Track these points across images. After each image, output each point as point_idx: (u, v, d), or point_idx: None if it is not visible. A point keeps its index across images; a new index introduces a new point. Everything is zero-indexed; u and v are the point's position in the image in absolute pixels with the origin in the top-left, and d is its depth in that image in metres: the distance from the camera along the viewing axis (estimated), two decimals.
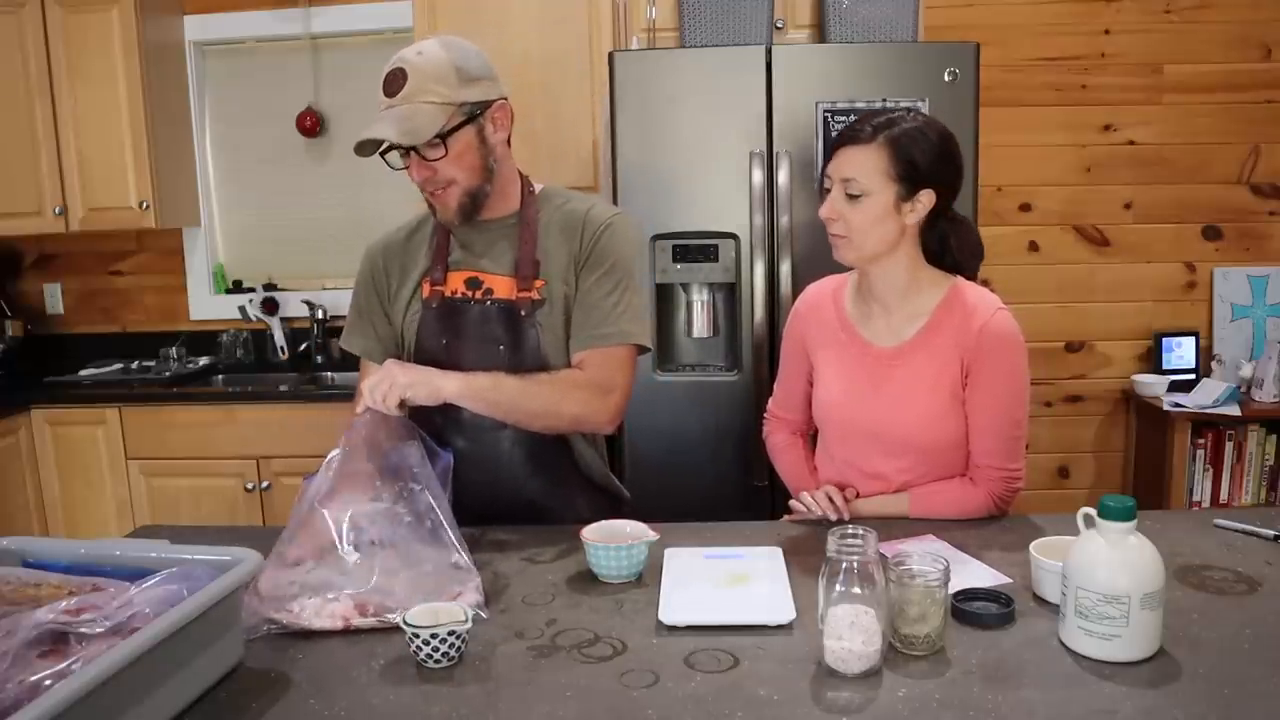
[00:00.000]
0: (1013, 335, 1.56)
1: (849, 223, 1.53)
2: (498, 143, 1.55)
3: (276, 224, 3.70)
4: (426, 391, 1.43)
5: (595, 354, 1.56)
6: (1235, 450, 3.26)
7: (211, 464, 3.10)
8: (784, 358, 1.80)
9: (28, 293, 3.77)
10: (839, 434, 1.68)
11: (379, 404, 1.41)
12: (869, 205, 1.52)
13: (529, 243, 1.59)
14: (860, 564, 1.08)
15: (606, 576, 1.36)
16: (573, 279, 1.58)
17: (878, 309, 1.64)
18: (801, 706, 1.02)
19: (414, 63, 1.46)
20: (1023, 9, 3.34)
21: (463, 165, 1.51)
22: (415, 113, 1.45)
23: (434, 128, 1.45)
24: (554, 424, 1.56)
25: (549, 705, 1.03)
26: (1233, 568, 1.35)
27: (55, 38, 3.21)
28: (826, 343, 1.69)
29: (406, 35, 3.07)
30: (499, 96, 1.54)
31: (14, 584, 1.11)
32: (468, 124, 1.49)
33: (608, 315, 1.57)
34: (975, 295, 1.59)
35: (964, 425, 1.59)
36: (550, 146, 2.93)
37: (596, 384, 1.55)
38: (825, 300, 1.72)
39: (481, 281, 1.59)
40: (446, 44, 1.50)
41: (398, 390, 1.41)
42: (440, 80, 1.46)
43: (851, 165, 1.51)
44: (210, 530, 1.83)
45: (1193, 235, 3.42)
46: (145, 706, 0.96)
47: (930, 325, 1.58)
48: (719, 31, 2.83)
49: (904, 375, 1.59)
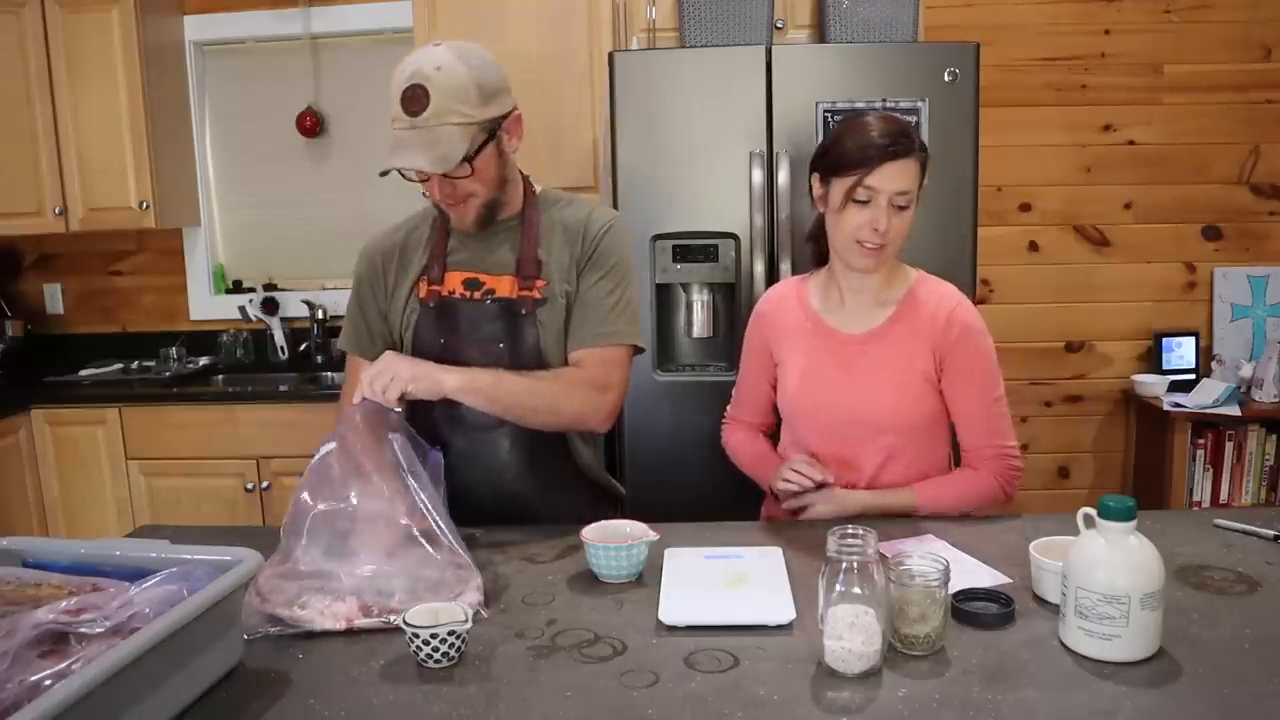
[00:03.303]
0: (978, 322, 1.64)
1: (892, 234, 1.55)
2: (512, 152, 1.56)
3: (276, 224, 3.70)
4: (429, 385, 1.43)
5: (594, 353, 1.57)
6: (1235, 450, 3.26)
7: (211, 464, 3.10)
8: (744, 360, 1.81)
9: (28, 293, 3.77)
10: (809, 424, 1.68)
11: (379, 396, 1.39)
12: (910, 214, 1.57)
13: (531, 243, 1.59)
14: (860, 564, 1.09)
15: (606, 576, 1.36)
16: (574, 279, 1.59)
17: (849, 299, 1.66)
18: (801, 706, 1.02)
19: (435, 80, 1.41)
20: (1023, 9, 3.34)
21: (483, 180, 1.51)
22: (441, 138, 1.42)
23: (462, 151, 1.44)
24: (554, 421, 1.56)
25: (549, 705, 1.03)
26: (1233, 568, 1.35)
27: (55, 38, 3.21)
28: (792, 335, 1.70)
29: (407, 35, 3.07)
30: (513, 107, 1.54)
31: (14, 584, 1.11)
32: (489, 141, 1.49)
33: (607, 315, 1.57)
34: (939, 286, 1.66)
35: (936, 407, 1.63)
36: (550, 146, 2.93)
37: (595, 382, 1.55)
38: (788, 297, 1.74)
39: (482, 282, 1.59)
40: (463, 56, 1.45)
41: (400, 383, 1.39)
42: (463, 100, 1.43)
43: (904, 178, 1.53)
44: (210, 530, 1.83)
45: (1193, 235, 3.42)
46: (145, 706, 0.96)
47: (897, 314, 1.63)
48: (719, 31, 2.83)
49: (873, 358, 1.62)
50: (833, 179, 1.57)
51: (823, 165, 1.60)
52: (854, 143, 1.54)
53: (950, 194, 2.54)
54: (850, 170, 1.53)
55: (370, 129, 3.47)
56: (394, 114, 1.45)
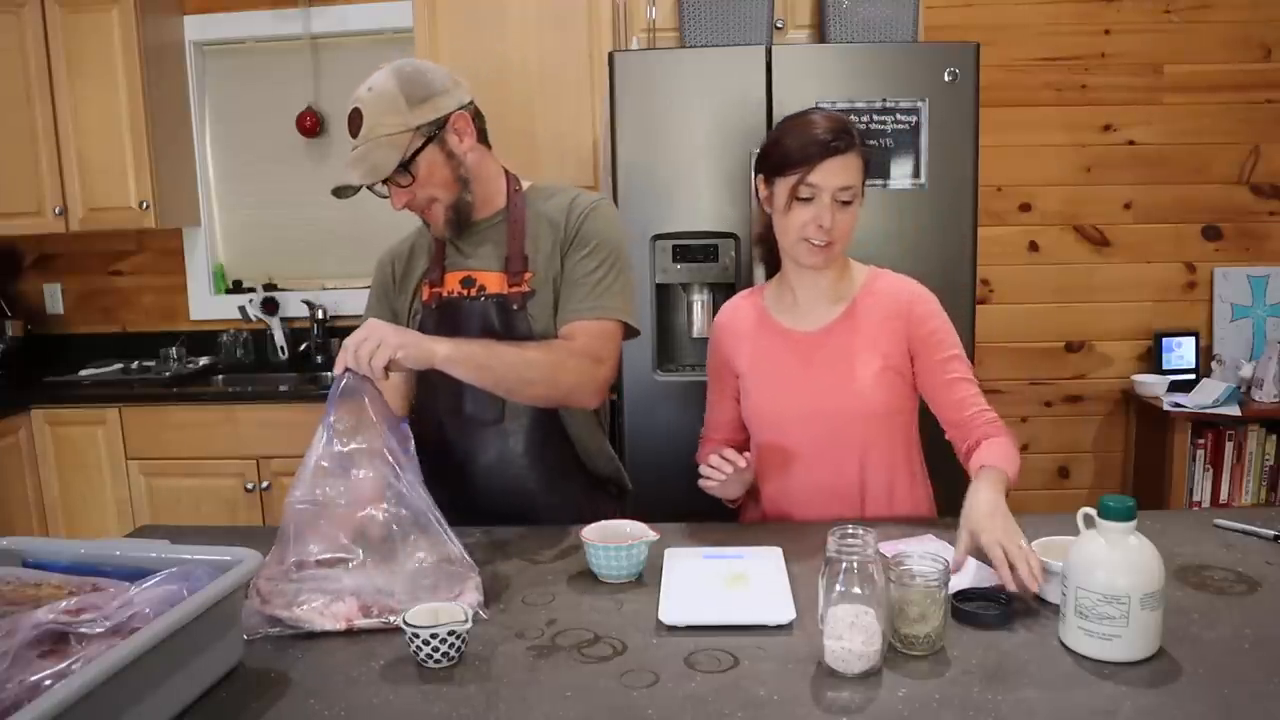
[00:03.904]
0: (936, 302, 1.65)
1: (838, 230, 1.55)
2: (465, 152, 1.56)
3: (276, 224, 3.70)
4: (417, 353, 1.38)
5: (585, 325, 1.56)
6: (1235, 450, 3.26)
7: (211, 464, 3.10)
8: (709, 382, 1.79)
9: (28, 293, 3.77)
10: (776, 429, 1.66)
11: (363, 364, 1.33)
12: (856, 209, 1.57)
13: (516, 238, 1.60)
14: (860, 564, 1.09)
15: (606, 576, 1.36)
16: (558, 264, 1.59)
17: (802, 298, 1.66)
18: (801, 706, 1.02)
19: (366, 100, 1.49)
20: (1023, 9, 3.34)
21: (435, 184, 1.54)
22: (373, 149, 1.48)
23: (394, 160, 1.48)
24: (547, 393, 1.53)
25: (549, 705, 1.03)
26: (1233, 568, 1.35)
27: (55, 38, 3.21)
28: (749, 341, 1.70)
29: (407, 35, 3.07)
30: (456, 107, 1.54)
31: (14, 584, 1.11)
32: (429, 144, 1.51)
33: (592, 290, 1.57)
34: (896, 279, 1.67)
35: (903, 393, 1.62)
36: (550, 146, 2.93)
37: (588, 353, 1.54)
38: (743, 308, 1.74)
39: (475, 280, 1.61)
40: (397, 70, 1.52)
41: (387, 350, 1.33)
42: (389, 111, 1.48)
43: (845, 174, 1.53)
44: (210, 530, 1.83)
45: (1193, 235, 3.42)
46: (145, 706, 0.96)
47: (852, 307, 1.64)
48: (719, 31, 2.83)
49: (830, 352, 1.62)
50: (776, 179, 1.56)
51: (766, 166, 1.59)
52: (795, 141, 1.53)
53: (950, 194, 2.54)
54: (793, 169, 1.53)
55: None
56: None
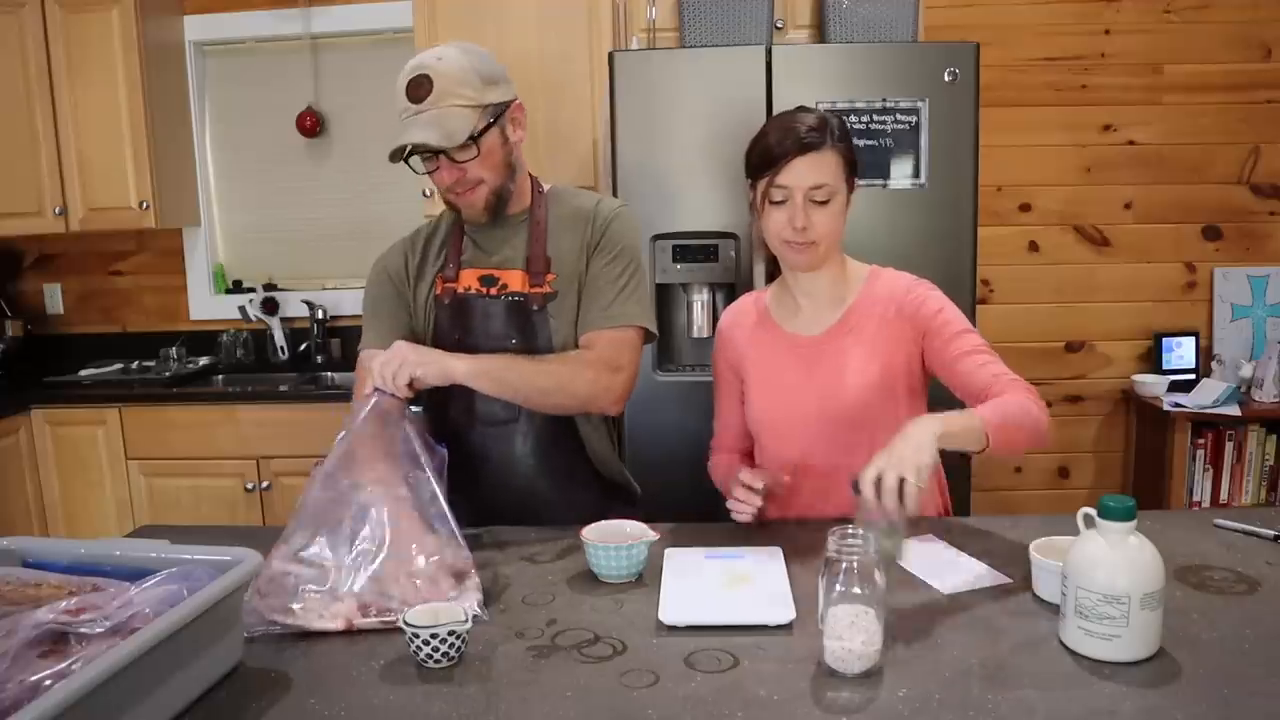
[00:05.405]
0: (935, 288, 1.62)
1: (818, 229, 1.53)
2: (517, 141, 1.59)
3: (276, 224, 3.70)
4: (437, 370, 1.44)
5: (604, 334, 1.58)
6: (1235, 450, 3.26)
7: (211, 464, 3.10)
8: (716, 388, 1.78)
9: (28, 293, 3.77)
10: (780, 434, 1.64)
11: (388, 383, 1.41)
12: (836, 207, 1.54)
13: (539, 238, 1.61)
14: (860, 564, 1.09)
15: (606, 576, 1.36)
16: (583, 265, 1.61)
17: (803, 302, 1.65)
18: (801, 706, 1.02)
19: (437, 68, 1.48)
20: (1023, 9, 3.34)
21: (490, 165, 1.54)
22: (446, 116, 1.48)
23: (467, 129, 1.48)
24: (566, 403, 1.57)
25: (549, 705, 1.03)
26: (1233, 568, 1.35)
27: (55, 38, 3.21)
28: (753, 347, 1.68)
29: (407, 35, 3.07)
30: (514, 97, 1.58)
31: (14, 584, 1.11)
32: (493, 125, 1.53)
33: (615, 297, 1.59)
34: (892, 275, 1.65)
35: (910, 395, 1.59)
36: (550, 146, 2.93)
37: (606, 362, 1.56)
38: (747, 311, 1.73)
39: (497, 278, 1.61)
40: (464, 50, 1.53)
41: (408, 369, 1.41)
42: (465, 84, 1.49)
43: (817, 172, 1.50)
44: (210, 530, 1.83)
45: (1193, 235, 3.42)
46: (145, 706, 0.96)
47: (853, 308, 1.62)
48: (719, 31, 2.83)
49: (834, 355, 1.60)
50: (756, 182, 1.56)
51: (748, 170, 1.58)
52: (767, 142, 1.53)
53: (950, 194, 2.54)
54: (765, 171, 1.52)
55: (370, 129, 3.46)
56: (400, 107, 1.50)
